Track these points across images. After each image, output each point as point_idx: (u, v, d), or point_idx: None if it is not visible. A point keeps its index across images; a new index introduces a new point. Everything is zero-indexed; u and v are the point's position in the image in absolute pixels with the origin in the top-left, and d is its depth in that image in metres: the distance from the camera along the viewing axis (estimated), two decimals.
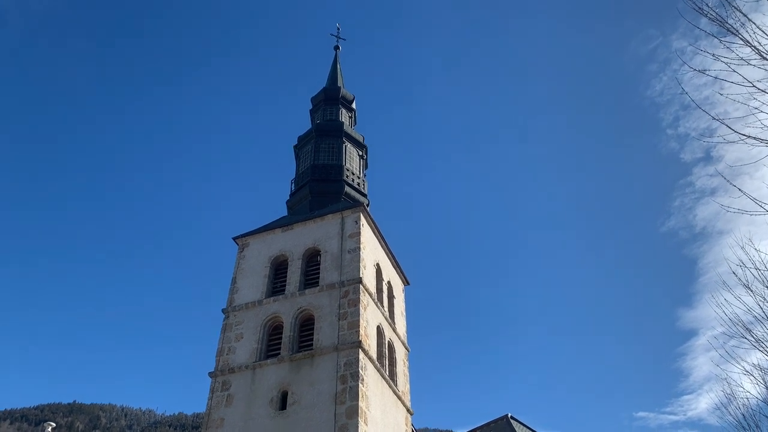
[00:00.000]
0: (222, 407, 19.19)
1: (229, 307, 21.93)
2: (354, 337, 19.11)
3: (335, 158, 27.26)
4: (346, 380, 18.21)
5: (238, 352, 20.47)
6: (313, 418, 17.76)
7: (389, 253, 25.19)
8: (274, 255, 23.04)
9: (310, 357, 19.26)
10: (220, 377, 19.98)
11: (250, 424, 18.41)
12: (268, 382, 19.18)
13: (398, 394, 21.50)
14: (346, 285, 20.66)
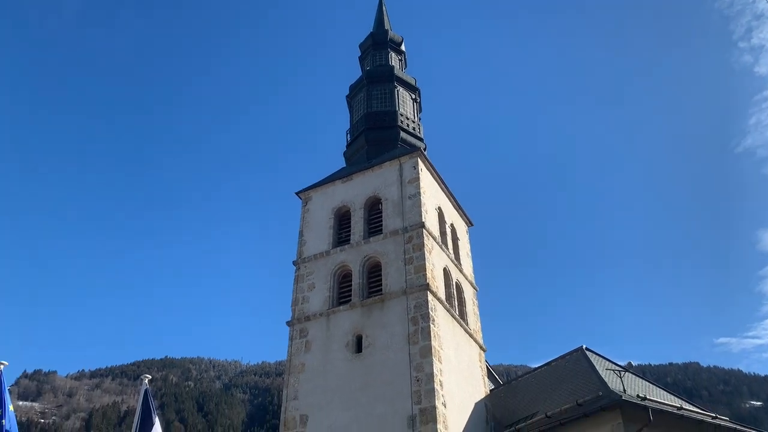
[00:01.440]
0: (302, 353, 20.13)
1: (299, 259, 22.65)
2: (421, 281, 19.41)
3: (388, 104, 27.04)
4: (417, 322, 18.64)
5: (312, 301, 21.25)
6: (389, 358, 18.38)
7: (450, 196, 25.12)
8: (337, 206, 23.45)
9: (380, 302, 19.77)
10: (297, 325, 20.89)
11: (329, 368, 19.27)
12: (343, 328, 19.91)
13: (469, 332, 21.85)
14: (409, 230, 20.86)
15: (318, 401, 18.76)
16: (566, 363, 22.01)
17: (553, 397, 19.60)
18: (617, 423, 16.44)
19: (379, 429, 17.26)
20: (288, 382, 19.81)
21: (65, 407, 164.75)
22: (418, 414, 16.93)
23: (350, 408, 18.07)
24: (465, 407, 19.08)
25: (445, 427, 16.99)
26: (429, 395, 17.13)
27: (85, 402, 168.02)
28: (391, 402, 17.53)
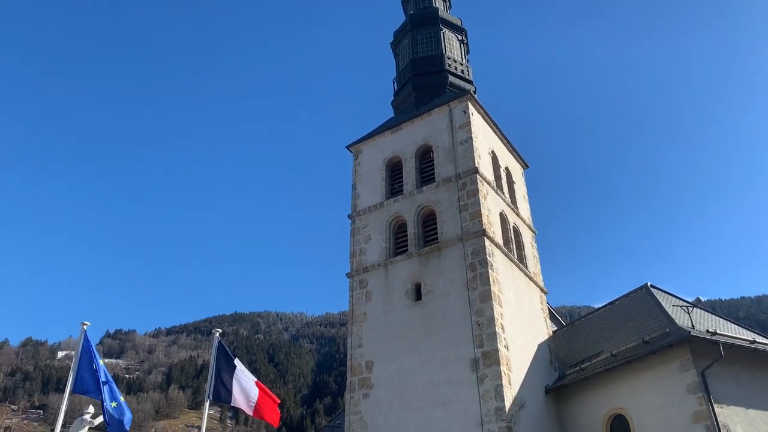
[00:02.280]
0: (363, 303, 20.57)
1: (354, 212, 22.87)
2: (477, 227, 19.28)
3: (434, 48, 26.34)
4: (475, 267, 18.62)
5: (369, 253, 21.53)
6: (449, 304, 18.55)
7: (503, 139, 24.56)
8: (388, 157, 23.35)
9: (437, 250, 19.82)
10: (356, 277, 21.28)
11: (391, 316, 19.64)
12: (401, 277, 20.14)
13: (529, 275, 21.70)
14: (462, 177, 20.61)
15: (382, 348, 19.23)
16: (630, 301, 21.63)
17: (618, 335, 19.39)
18: (686, 359, 16.15)
19: (443, 372, 17.59)
20: (352, 331, 20.35)
21: (146, 363, 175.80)
22: (480, 357, 17.13)
23: (413, 353, 18.45)
24: (528, 349, 19.15)
25: (508, 368, 17.15)
26: (491, 338, 17.25)
27: (164, 357, 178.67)
28: (454, 346, 17.78)
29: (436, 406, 17.22)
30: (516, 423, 16.37)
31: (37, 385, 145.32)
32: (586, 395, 18.42)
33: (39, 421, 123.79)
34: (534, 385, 18.40)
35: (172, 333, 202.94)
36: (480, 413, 16.36)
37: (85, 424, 11.10)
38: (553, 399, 19.10)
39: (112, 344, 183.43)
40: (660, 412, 16.38)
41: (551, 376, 19.69)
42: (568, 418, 18.78)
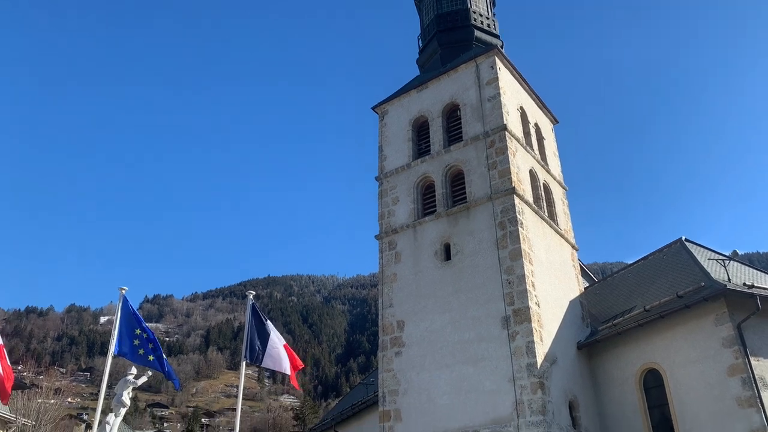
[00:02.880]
0: (392, 264, 20.71)
1: (381, 174, 22.82)
2: (507, 185, 19.08)
3: (459, 2, 25.63)
4: (505, 226, 18.51)
5: (398, 214, 21.56)
6: (479, 264, 18.56)
7: (532, 94, 24.02)
8: (414, 117, 23.10)
9: (465, 209, 19.72)
10: (385, 238, 21.38)
11: (420, 276, 19.77)
12: (430, 237, 20.16)
13: (560, 232, 21.49)
14: (490, 135, 20.31)
15: (412, 307, 19.43)
16: (664, 256, 21.34)
17: (651, 290, 19.20)
18: (722, 313, 15.97)
19: (474, 330, 17.73)
20: (382, 292, 20.57)
21: (185, 326, 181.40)
22: (511, 314, 17.19)
23: (444, 312, 18.60)
24: (559, 306, 19.13)
25: (539, 325, 17.19)
26: (521, 296, 17.26)
27: (201, 321, 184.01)
28: (484, 304, 17.85)
29: (468, 363, 17.43)
30: (548, 378, 16.50)
31: (82, 348, 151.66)
32: (619, 350, 18.40)
33: (86, 382, 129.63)
34: (566, 341, 18.44)
35: (208, 297, 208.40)
36: (512, 369, 16.52)
37: (128, 384, 11.59)
38: (585, 354, 19.14)
39: (151, 309, 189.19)
40: (694, 366, 16.31)
41: (583, 332, 19.69)
42: (600, 373, 18.84)
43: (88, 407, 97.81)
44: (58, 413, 36.87)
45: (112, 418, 11.62)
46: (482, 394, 16.83)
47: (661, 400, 17.05)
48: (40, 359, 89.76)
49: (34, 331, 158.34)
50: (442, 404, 17.45)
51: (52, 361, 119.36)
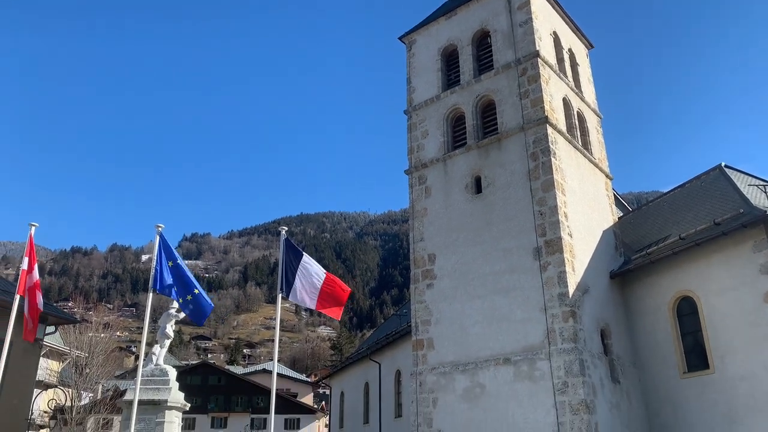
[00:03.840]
0: (423, 199, 20.70)
1: (410, 107, 22.46)
2: (539, 114, 18.60)
3: None
4: (537, 157, 18.19)
5: (427, 148, 21.34)
6: (510, 196, 18.40)
7: (566, 18, 22.96)
8: (443, 46, 22.42)
9: (496, 141, 19.39)
10: (415, 173, 21.28)
11: (451, 210, 19.75)
12: (460, 171, 19.98)
13: (594, 162, 21.05)
14: (522, 62, 19.64)
15: (443, 241, 19.54)
16: (702, 183, 20.80)
17: (687, 218, 18.85)
18: (760, 239, 15.65)
19: (505, 261, 17.80)
20: (413, 226, 20.68)
21: (223, 263, 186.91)
22: (543, 245, 17.15)
23: (475, 244, 18.66)
24: (592, 236, 18.98)
25: (572, 255, 17.14)
26: (554, 227, 17.15)
27: (238, 257, 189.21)
28: (516, 236, 17.83)
29: (499, 294, 17.61)
30: (580, 307, 16.60)
31: (126, 285, 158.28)
32: (652, 279, 18.32)
33: (133, 317, 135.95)
34: (598, 270, 18.40)
35: (244, 234, 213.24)
36: (543, 299, 16.65)
37: (171, 317, 12.12)
38: (618, 284, 19.12)
39: (190, 247, 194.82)
40: (730, 293, 16.18)
41: (616, 262, 19.59)
42: (633, 301, 18.86)
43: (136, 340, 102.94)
44: (108, 346, 38.90)
45: (158, 349, 12.24)
46: (513, 323, 17.08)
47: (695, 327, 17.07)
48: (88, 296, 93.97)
49: (80, 269, 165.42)
50: (474, 333, 17.80)
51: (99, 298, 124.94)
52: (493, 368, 17.01)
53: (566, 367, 15.64)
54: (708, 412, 16.08)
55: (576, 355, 15.65)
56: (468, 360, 17.64)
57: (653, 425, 17.52)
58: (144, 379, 10.73)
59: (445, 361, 18.15)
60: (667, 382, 17.38)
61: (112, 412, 36.06)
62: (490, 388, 16.91)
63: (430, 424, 17.84)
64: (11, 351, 14.89)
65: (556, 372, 15.77)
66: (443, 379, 18.00)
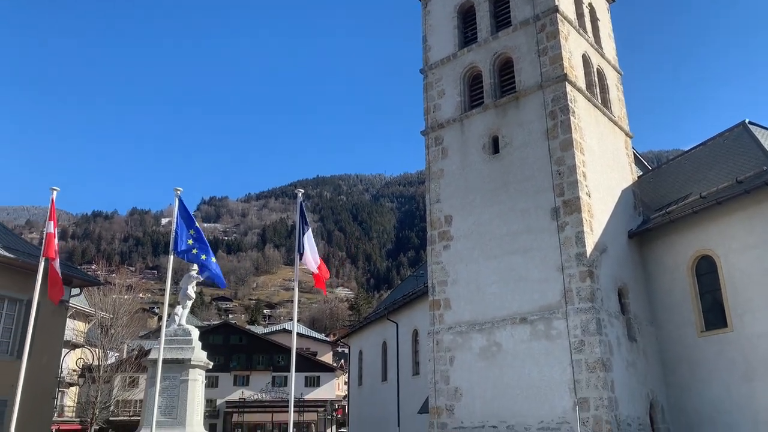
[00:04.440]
0: (439, 160, 20.57)
1: (426, 67, 22.10)
2: (558, 71, 18.21)
3: None
4: (556, 115, 17.90)
5: (444, 108, 21.08)
6: (528, 156, 18.21)
7: None
8: (459, 2, 21.85)
9: (514, 99, 19.08)
10: (431, 134, 21.08)
11: (468, 171, 19.62)
12: (477, 130, 19.75)
13: (614, 120, 20.66)
14: (541, 18, 19.13)
15: (460, 202, 19.48)
16: (725, 141, 20.36)
17: (709, 177, 18.55)
18: None
19: (522, 222, 17.74)
20: (429, 188, 20.62)
21: (242, 225, 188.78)
22: (561, 205, 17.03)
23: (492, 205, 18.59)
24: (611, 195, 18.79)
25: (590, 215, 17.02)
26: (572, 187, 16.99)
27: (256, 220, 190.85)
28: (533, 196, 17.71)
29: (516, 254, 17.61)
30: (597, 267, 16.57)
31: (148, 249, 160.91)
32: (672, 238, 18.17)
33: (155, 279, 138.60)
34: (616, 230, 18.28)
35: (261, 198, 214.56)
36: (560, 259, 16.63)
37: (192, 279, 12.34)
38: (636, 243, 19.00)
39: (209, 210, 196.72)
40: (751, 251, 16.02)
41: (635, 221, 19.43)
42: (651, 261, 18.76)
43: (158, 301, 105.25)
44: (132, 307, 39.90)
45: (180, 309, 12.51)
46: (530, 283, 17.13)
47: (714, 286, 16.99)
48: (110, 259, 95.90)
49: (102, 233, 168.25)
50: (491, 293, 17.90)
51: (122, 261, 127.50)
52: (510, 327, 17.16)
53: (583, 326, 15.72)
54: (725, 370, 16.14)
55: (593, 314, 15.71)
56: (485, 319, 17.80)
57: (670, 383, 17.65)
58: (167, 339, 11.00)
59: (462, 320, 18.33)
60: (684, 341, 17.42)
61: (138, 370, 37.24)
62: (507, 346, 17.10)
63: (447, 381, 18.16)
64: (39, 312, 15.37)
65: (572, 331, 15.87)
66: (460, 338, 18.22)
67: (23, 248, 16.93)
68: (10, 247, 16.18)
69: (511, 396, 16.59)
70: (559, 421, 15.51)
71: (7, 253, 15.61)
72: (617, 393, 15.47)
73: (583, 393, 15.26)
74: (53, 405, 18.84)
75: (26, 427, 14.39)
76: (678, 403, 17.31)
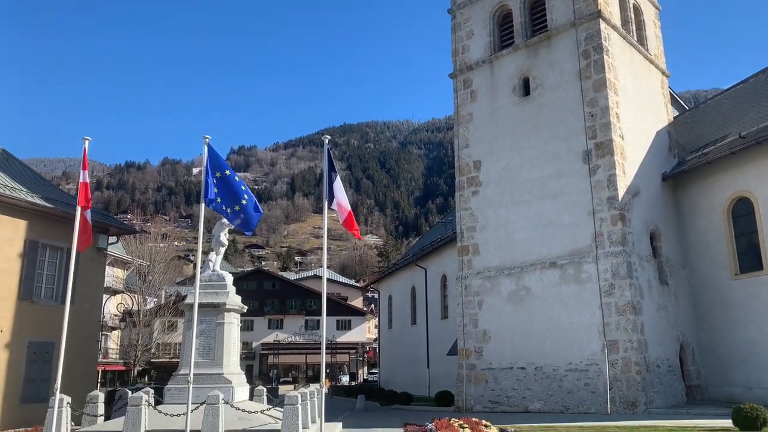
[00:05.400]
0: (468, 104, 20.18)
1: (454, 6, 21.40)
2: (591, 8, 17.46)
3: None
4: (589, 54, 17.28)
5: (472, 49, 20.51)
6: (560, 97, 17.73)
7: None
8: None
9: (546, 39, 18.44)
10: (460, 77, 20.62)
11: (497, 114, 19.23)
12: (507, 72, 19.24)
13: (650, 58, 19.86)
14: None
15: (489, 147, 19.20)
16: (767, 78, 19.47)
17: (748, 117, 17.87)
18: None
19: (553, 165, 17.45)
20: (458, 133, 20.33)
21: (271, 174, 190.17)
22: (593, 148, 16.65)
23: (522, 149, 18.28)
24: (645, 137, 18.28)
25: (622, 158, 16.63)
26: (604, 129, 16.56)
27: (285, 169, 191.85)
28: (564, 139, 17.34)
29: (546, 199, 17.42)
30: (629, 210, 16.31)
31: (180, 198, 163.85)
32: (707, 180, 17.72)
33: (189, 228, 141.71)
34: (650, 173, 17.87)
35: (289, 146, 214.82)
36: (592, 203, 16.40)
37: (224, 226, 12.53)
38: (670, 186, 18.59)
39: (238, 159, 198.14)
40: None
41: (670, 163, 18.94)
42: (685, 203, 18.39)
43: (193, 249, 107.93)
44: (167, 255, 41.04)
45: (213, 256, 12.79)
46: (561, 227, 16.99)
47: (750, 228, 16.63)
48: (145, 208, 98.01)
49: (135, 183, 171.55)
50: (520, 238, 17.84)
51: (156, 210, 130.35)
52: (539, 272, 17.17)
53: (613, 270, 15.63)
54: (760, 311, 15.98)
55: (624, 257, 15.57)
56: (514, 264, 17.82)
57: (701, 325, 17.58)
58: (202, 284, 11.31)
59: (491, 265, 18.39)
60: (717, 283, 17.23)
61: (176, 315, 38.64)
62: (536, 290, 17.16)
63: (475, 324, 18.40)
64: (78, 260, 15.93)
65: (602, 275, 15.81)
66: (489, 282, 18.32)
67: (61, 198, 17.39)
68: (48, 197, 16.63)
69: (540, 339, 16.76)
70: (588, 362, 15.67)
71: (46, 203, 16.06)
72: (647, 335, 15.50)
73: (612, 335, 15.32)
74: (97, 347, 19.71)
75: (74, 366, 15.18)
76: (709, 344, 17.29)
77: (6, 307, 15.25)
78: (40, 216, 16.33)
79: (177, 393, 10.12)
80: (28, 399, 15.23)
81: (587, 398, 15.47)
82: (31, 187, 16.96)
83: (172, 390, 10.34)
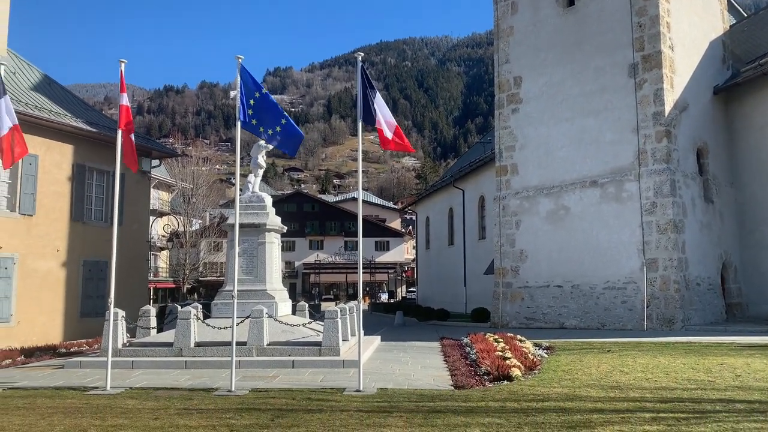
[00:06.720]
0: (509, 16, 19.30)
1: None
2: None
3: None
4: None
5: None
6: (606, 7, 16.76)
7: None
8: None
9: None
10: None
11: (540, 27, 18.37)
12: None
13: None
14: None
15: (530, 62, 18.49)
16: None
17: None
18: None
19: (597, 80, 16.77)
20: (498, 48, 19.58)
21: (307, 96, 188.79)
22: (640, 61, 15.86)
23: (565, 64, 17.56)
24: (696, 48, 17.26)
25: (671, 71, 15.82)
26: (653, 40, 15.67)
27: (321, 90, 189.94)
28: (610, 53, 16.54)
29: (589, 116, 16.87)
30: (676, 126, 15.70)
31: (219, 122, 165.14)
32: (762, 93, 16.80)
33: (229, 151, 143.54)
34: (700, 86, 17.01)
35: (325, 67, 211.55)
36: (636, 119, 15.82)
37: (261, 148, 12.64)
38: (721, 99, 17.71)
39: (274, 81, 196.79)
40: None
41: (722, 75, 17.94)
42: (738, 118, 17.56)
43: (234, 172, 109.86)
44: (209, 178, 41.94)
45: (252, 178, 13.00)
46: (603, 145, 16.54)
47: None
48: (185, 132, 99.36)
49: (175, 107, 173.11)
50: (560, 157, 17.48)
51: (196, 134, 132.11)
52: (579, 191, 16.91)
53: (656, 188, 15.27)
54: None
55: (668, 175, 15.15)
56: (553, 183, 17.57)
57: (746, 243, 17.22)
58: (243, 206, 11.59)
59: (529, 185, 18.18)
60: (767, 201, 16.69)
61: (221, 236, 39.95)
62: (575, 210, 16.98)
63: (512, 244, 18.46)
64: (124, 182, 16.44)
65: (644, 193, 15.48)
66: (527, 202, 18.19)
67: (104, 123, 17.72)
68: (92, 122, 16.97)
69: (577, 258, 16.75)
70: (626, 281, 15.66)
71: (91, 128, 16.42)
72: (688, 254, 15.30)
73: (652, 254, 15.19)
74: (147, 266, 20.65)
75: (126, 284, 16.03)
76: (753, 262, 17.00)
77: (60, 228, 16.01)
78: (85, 140, 16.75)
79: (223, 308, 10.65)
80: (87, 313, 16.25)
81: (624, 315, 15.58)
82: (75, 111, 17.30)
83: (219, 305, 10.87)
